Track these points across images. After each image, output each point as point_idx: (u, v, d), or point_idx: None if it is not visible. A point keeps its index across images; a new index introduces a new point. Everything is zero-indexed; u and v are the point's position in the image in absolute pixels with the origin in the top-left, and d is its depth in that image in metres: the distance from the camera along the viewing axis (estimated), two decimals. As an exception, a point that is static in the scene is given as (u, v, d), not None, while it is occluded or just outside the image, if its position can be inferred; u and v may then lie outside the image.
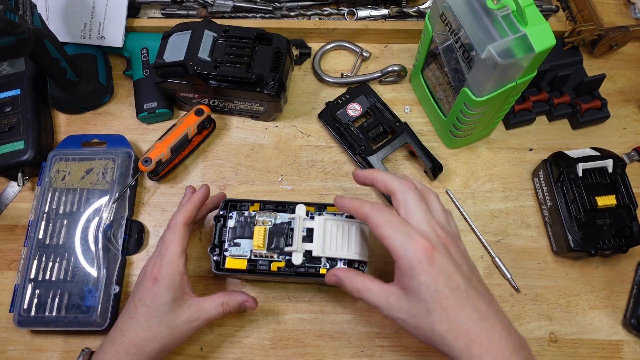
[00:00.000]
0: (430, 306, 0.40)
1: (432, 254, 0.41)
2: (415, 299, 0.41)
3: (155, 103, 0.64)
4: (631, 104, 0.67)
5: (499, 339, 0.40)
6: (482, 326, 0.40)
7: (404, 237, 0.41)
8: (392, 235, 0.42)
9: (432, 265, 0.40)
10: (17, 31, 0.49)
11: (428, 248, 0.41)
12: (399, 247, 0.41)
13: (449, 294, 0.40)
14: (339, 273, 0.46)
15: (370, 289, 0.44)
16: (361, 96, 0.65)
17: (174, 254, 0.50)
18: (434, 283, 0.40)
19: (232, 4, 0.69)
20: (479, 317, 0.40)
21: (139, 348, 0.48)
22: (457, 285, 0.41)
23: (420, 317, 0.41)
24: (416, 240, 0.41)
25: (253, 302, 0.53)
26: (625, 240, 0.55)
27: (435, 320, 0.40)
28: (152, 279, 0.49)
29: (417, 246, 0.41)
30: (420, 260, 0.40)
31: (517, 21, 0.46)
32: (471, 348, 0.39)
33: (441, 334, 0.40)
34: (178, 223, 0.51)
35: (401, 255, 0.41)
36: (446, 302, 0.40)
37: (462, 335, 0.40)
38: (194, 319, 0.50)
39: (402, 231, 0.42)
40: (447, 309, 0.40)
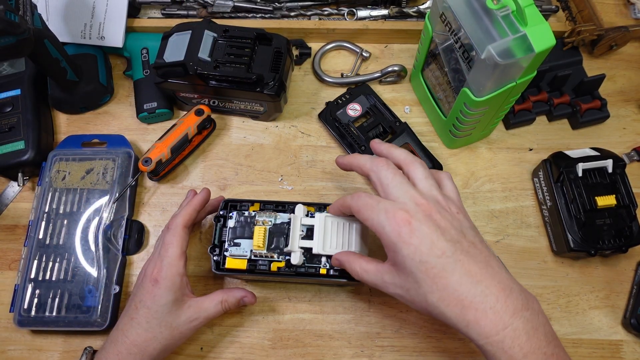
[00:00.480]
0: (418, 277, 0.40)
1: (409, 224, 0.40)
2: (404, 272, 0.41)
3: (155, 103, 0.64)
4: (631, 104, 0.67)
5: (495, 302, 0.38)
6: (476, 290, 0.39)
7: (381, 214, 0.41)
8: (370, 216, 0.42)
9: (412, 236, 0.40)
10: (18, 31, 0.49)
11: (405, 219, 0.40)
12: (378, 224, 0.41)
13: (434, 263, 0.39)
14: (340, 257, 0.48)
15: (366, 270, 0.45)
16: (361, 96, 0.65)
17: (174, 255, 0.50)
18: (417, 254, 0.39)
19: (232, 4, 0.69)
20: (471, 281, 0.39)
21: (140, 348, 0.48)
22: (442, 252, 0.39)
23: (413, 290, 0.41)
24: (392, 214, 0.41)
25: (252, 296, 0.54)
26: (625, 240, 0.55)
27: (425, 291, 0.40)
28: (152, 280, 0.49)
29: (394, 220, 0.40)
30: (398, 234, 0.40)
31: (517, 21, 0.46)
32: (466, 314, 0.38)
33: (434, 303, 0.39)
34: (178, 225, 0.51)
35: (381, 232, 0.41)
36: (433, 271, 0.39)
37: (455, 303, 0.39)
38: (194, 319, 0.50)
39: (380, 209, 0.42)
40: (434, 278, 0.39)
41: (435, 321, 0.57)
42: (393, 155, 0.48)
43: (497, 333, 0.38)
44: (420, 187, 0.44)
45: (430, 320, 0.57)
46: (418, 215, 0.40)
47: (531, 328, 0.38)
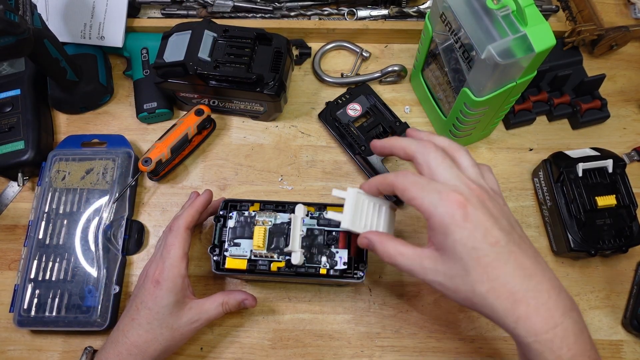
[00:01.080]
0: (468, 265, 0.37)
1: (465, 207, 0.37)
2: (452, 258, 0.38)
3: (155, 103, 0.64)
4: (631, 104, 0.67)
5: (547, 299, 0.37)
6: (528, 284, 0.36)
7: (433, 194, 0.38)
8: (420, 195, 0.39)
9: (467, 220, 0.37)
10: (17, 31, 0.49)
11: (460, 201, 0.37)
12: (429, 204, 0.38)
13: (487, 251, 0.37)
14: (370, 236, 0.43)
15: (402, 253, 0.41)
16: (361, 96, 0.65)
17: (176, 257, 0.50)
18: (470, 239, 0.37)
19: (232, 4, 0.69)
20: (523, 274, 0.37)
21: (141, 349, 0.48)
22: (496, 241, 0.37)
23: (459, 278, 0.38)
24: (446, 195, 0.38)
25: (252, 299, 0.54)
26: (625, 240, 0.55)
27: (474, 280, 0.37)
28: (154, 281, 0.49)
29: (448, 201, 0.37)
30: (452, 216, 0.37)
31: (517, 21, 0.46)
32: (516, 309, 0.36)
33: (482, 294, 0.37)
34: (180, 226, 0.51)
35: (432, 212, 0.38)
36: (485, 259, 0.37)
37: (506, 295, 0.36)
38: (195, 320, 0.50)
39: (431, 189, 0.39)
40: (486, 267, 0.37)
41: (435, 321, 0.57)
42: (436, 142, 0.44)
43: (546, 331, 0.36)
44: (468, 173, 0.41)
45: (431, 320, 0.57)
46: (472, 199, 0.38)
47: (578, 330, 0.37)
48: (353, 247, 0.51)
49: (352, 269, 0.50)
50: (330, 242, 0.51)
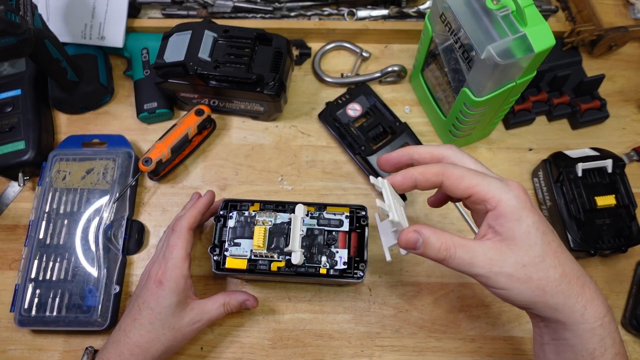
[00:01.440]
0: (542, 250, 0.36)
1: (527, 197, 0.37)
2: (525, 244, 0.36)
3: (155, 103, 0.64)
4: (630, 104, 0.67)
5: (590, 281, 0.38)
6: (579, 270, 0.37)
7: (497, 181, 0.37)
8: (483, 182, 0.37)
9: (533, 206, 0.37)
10: (18, 31, 0.49)
11: (524, 190, 0.37)
12: (497, 191, 0.37)
13: (553, 236, 0.37)
14: (422, 230, 0.38)
15: (463, 245, 0.37)
16: (361, 96, 0.66)
17: (179, 257, 0.50)
18: (541, 225, 0.37)
19: (232, 5, 0.69)
20: (572, 260, 0.38)
21: (142, 350, 0.48)
22: (551, 229, 0.38)
23: (531, 266, 0.36)
24: (510, 183, 0.37)
25: (254, 300, 0.54)
26: (624, 240, 0.55)
27: (549, 265, 0.36)
28: (156, 282, 0.49)
29: (516, 188, 0.37)
30: (524, 201, 0.37)
31: (517, 21, 0.46)
32: (584, 292, 0.36)
33: (557, 279, 0.36)
34: (183, 227, 0.52)
35: (502, 199, 0.37)
36: (553, 244, 0.37)
37: (575, 279, 0.36)
38: (197, 321, 0.51)
39: (492, 177, 0.38)
40: (556, 252, 0.37)
41: (435, 321, 0.57)
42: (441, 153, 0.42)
43: (606, 313, 0.37)
44: None
45: (431, 320, 0.57)
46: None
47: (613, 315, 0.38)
48: (353, 247, 0.51)
49: (352, 269, 0.51)
50: (330, 242, 0.51)
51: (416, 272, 0.59)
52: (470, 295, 0.58)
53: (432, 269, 0.59)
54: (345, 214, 0.52)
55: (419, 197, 0.63)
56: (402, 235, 0.39)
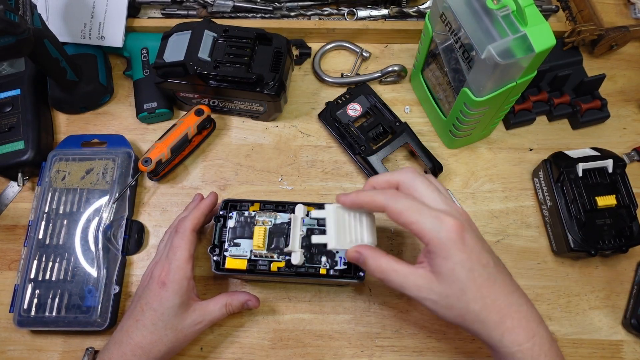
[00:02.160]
0: (464, 285, 0.40)
1: (462, 232, 0.40)
2: (449, 279, 0.40)
3: (155, 103, 0.64)
4: (631, 104, 0.67)
5: (526, 311, 0.41)
6: (511, 300, 0.40)
7: (433, 219, 0.40)
8: (419, 220, 0.40)
9: (465, 244, 0.40)
10: (17, 31, 0.49)
11: (459, 227, 0.40)
12: (430, 229, 0.40)
13: (481, 272, 0.40)
14: (362, 251, 0.44)
15: (396, 270, 0.42)
16: (361, 96, 0.65)
17: (182, 259, 0.50)
18: (468, 262, 0.40)
19: (232, 4, 0.69)
20: (507, 291, 0.41)
21: (145, 350, 0.48)
22: (487, 262, 0.41)
23: (454, 298, 0.40)
24: (446, 221, 0.40)
25: (255, 301, 0.54)
26: (625, 240, 0.55)
27: (469, 299, 0.40)
28: (159, 283, 0.49)
29: (449, 227, 0.40)
30: (454, 241, 0.40)
31: (517, 21, 0.46)
32: (504, 322, 0.40)
33: (475, 311, 0.40)
34: (187, 228, 0.52)
35: (433, 237, 0.40)
36: (479, 280, 0.40)
37: (495, 311, 0.40)
38: (199, 322, 0.51)
39: (429, 214, 0.40)
40: (480, 287, 0.40)
41: (435, 321, 0.57)
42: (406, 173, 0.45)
43: (528, 340, 0.40)
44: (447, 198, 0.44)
45: (431, 320, 0.57)
46: (465, 224, 0.41)
47: (551, 338, 0.41)
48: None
49: (352, 269, 0.50)
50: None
51: (416, 273, 0.59)
52: (470, 295, 0.58)
53: (432, 269, 0.59)
54: None
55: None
56: (347, 252, 0.45)
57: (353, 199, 0.45)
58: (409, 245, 0.60)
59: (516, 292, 0.41)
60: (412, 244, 0.60)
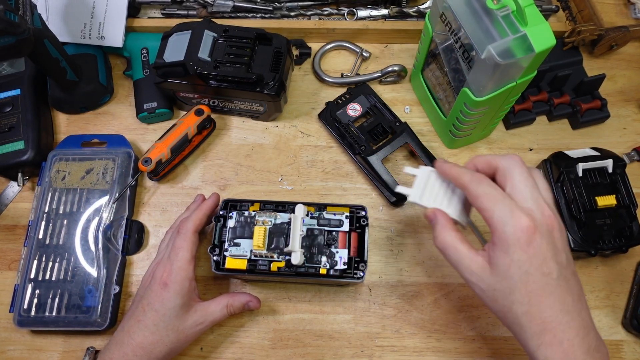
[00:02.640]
0: (514, 285, 0.39)
1: (533, 234, 0.38)
2: (502, 274, 0.39)
3: (155, 103, 0.64)
4: (631, 104, 0.67)
5: (574, 335, 0.39)
6: (562, 318, 0.39)
7: (506, 211, 0.39)
8: (492, 208, 0.39)
9: (530, 245, 0.38)
10: (17, 31, 0.49)
11: (530, 227, 0.38)
12: (498, 220, 0.39)
13: (538, 279, 0.39)
14: (439, 215, 0.45)
15: (457, 248, 0.42)
16: (361, 96, 0.65)
17: (184, 260, 0.50)
18: (526, 264, 0.38)
19: (232, 4, 0.69)
20: (561, 308, 0.39)
21: (146, 351, 0.48)
22: (549, 272, 0.39)
23: (500, 293, 0.40)
24: (518, 216, 0.38)
25: (257, 301, 0.54)
26: (625, 240, 0.55)
27: (515, 300, 0.39)
28: (161, 283, 0.49)
29: (518, 223, 0.38)
30: (518, 239, 0.38)
31: (517, 21, 0.46)
32: (543, 335, 0.38)
33: (517, 314, 0.39)
34: (189, 229, 0.52)
35: (499, 229, 0.39)
36: (532, 285, 0.39)
37: (538, 322, 0.39)
38: (200, 323, 0.51)
39: (504, 205, 0.39)
40: (530, 293, 0.39)
41: (435, 321, 0.57)
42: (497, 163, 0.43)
43: None
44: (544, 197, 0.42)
45: (431, 320, 0.57)
46: (542, 228, 0.39)
47: None
48: (353, 247, 0.51)
49: (352, 269, 0.50)
50: (330, 242, 0.51)
51: (416, 272, 0.59)
52: (470, 295, 0.58)
53: (432, 269, 0.59)
54: (345, 214, 0.52)
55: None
56: (426, 210, 0.46)
57: (445, 168, 0.45)
58: (409, 246, 0.60)
59: (572, 314, 0.39)
60: (412, 244, 0.60)
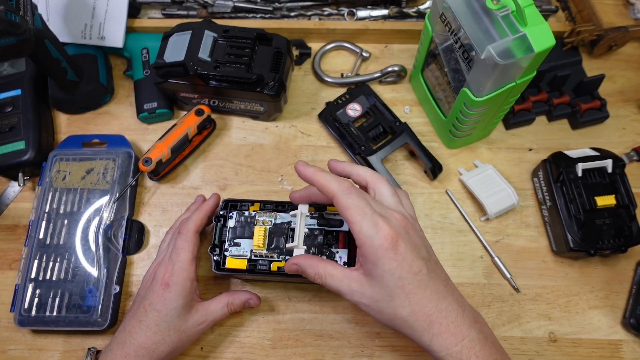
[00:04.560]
0: (393, 292, 0.41)
1: (396, 242, 0.41)
2: (379, 284, 0.42)
3: (155, 103, 0.64)
4: (630, 104, 0.67)
5: (455, 316, 0.42)
6: (441, 306, 0.42)
7: (371, 225, 0.41)
8: (359, 222, 0.41)
9: (396, 253, 0.41)
10: (18, 31, 0.49)
11: (393, 236, 0.41)
12: (365, 234, 0.41)
13: (411, 279, 0.41)
14: (299, 261, 0.46)
15: (332, 275, 0.44)
16: (361, 96, 0.66)
17: (186, 260, 0.50)
18: (397, 270, 0.41)
19: (232, 5, 0.69)
20: (437, 297, 0.42)
21: (148, 351, 0.48)
22: (419, 270, 0.41)
23: (383, 302, 0.42)
24: (382, 229, 0.41)
25: (257, 299, 0.54)
26: (624, 240, 0.55)
27: (397, 305, 0.41)
28: (163, 284, 0.49)
29: (383, 234, 0.41)
30: (385, 248, 0.41)
31: (517, 21, 0.46)
32: (432, 328, 0.41)
33: (403, 317, 0.41)
34: (190, 230, 0.52)
35: (367, 243, 0.41)
36: (408, 287, 0.41)
37: (423, 317, 0.41)
38: (201, 322, 0.51)
39: (370, 219, 0.41)
40: (409, 294, 0.41)
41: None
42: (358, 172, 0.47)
43: (456, 344, 0.41)
44: (388, 202, 0.45)
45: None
46: (401, 232, 0.42)
47: (483, 337, 0.42)
48: (353, 247, 0.51)
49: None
50: (330, 242, 0.51)
51: (416, 272, 0.59)
52: (470, 295, 0.58)
53: (432, 269, 0.59)
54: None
55: (419, 198, 0.63)
56: (285, 265, 0.47)
57: (308, 173, 0.45)
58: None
59: (448, 298, 0.42)
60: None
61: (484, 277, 0.59)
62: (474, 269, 0.59)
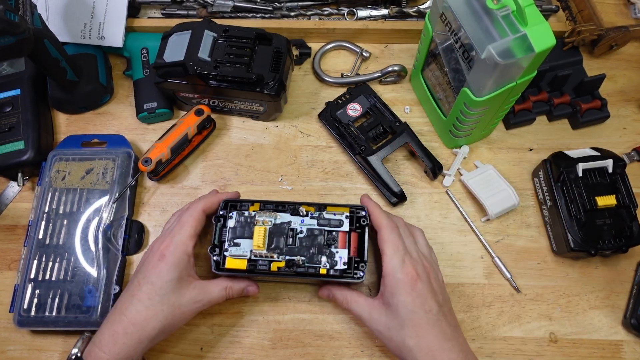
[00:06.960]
0: (404, 322, 0.47)
1: (416, 281, 0.48)
2: (393, 313, 0.48)
3: (155, 103, 0.64)
4: (631, 104, 0.67)
5: (456, 357, 0.47)
6: (445, 345, 0.47)
7: (399, 261, 0.49)
8: (390, 255, 0.49)
9: (414, 289, 0.48)
10: (17, 31, 0.49)
11: (414, 276, 0.48)
12: (392, 267, 0.48)
13: (422, 315, 0.47)
14: (332, 288, 0.54)
15: (357, 301, 0.51)
16: (361, 96, 0.65)
17: (186, 234, 0.50)
18: (411, 304, 0.47)
19: (232, 4, 0.69)
20: (443, 337, 0.47)
21: (138, 327, 0.47)
22: (430, 309, 0.47)
23: (394, 330, 0.48)
24: (407, 266, 0.48)
25: (255, 287, 0.54)
26: (625, 240, 0.55)
27: (406, 335, 0.47)
28: (159, 255, 0.49)
29: (406, 271, 0.48)
30: (404, 282, 0.48)
31: (517, 21, 0.46)
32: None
33: (410, 347, 0.47)
34: (198, 207, 0.52)
35: (390, 274, 0.48)
36: (418, 321, 0.47)
37: (426, 350, 0.46)
38: (198, 300, 0.50)
39: (400, 256, 0.49)
40: (417, 327, 0.47)
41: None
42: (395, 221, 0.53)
43: None
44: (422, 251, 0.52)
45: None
46: (423, 276, 0.49)
47: None
48: (353, 247, 0.51)
49: (352, 269, 0.51)
50: (330, 242, 0.51)
51: (416, 272, 0.59)
52: (470, 295, 0.58)
53: (432, 269, 0.59)
54: (345, 214, 0.52)
55: (419, 198, 0.62)
56: (320, 291, 0.56)
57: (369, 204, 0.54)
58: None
59: (453, 341, 0.47)
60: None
61: (485, 277, 0.59)
62: (474, 269, 0.59)
